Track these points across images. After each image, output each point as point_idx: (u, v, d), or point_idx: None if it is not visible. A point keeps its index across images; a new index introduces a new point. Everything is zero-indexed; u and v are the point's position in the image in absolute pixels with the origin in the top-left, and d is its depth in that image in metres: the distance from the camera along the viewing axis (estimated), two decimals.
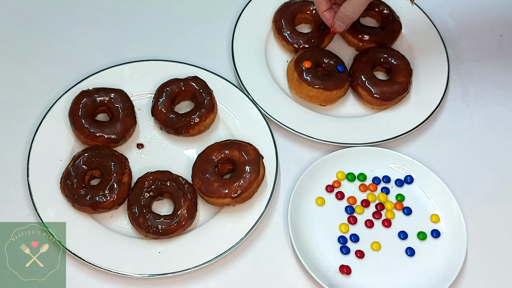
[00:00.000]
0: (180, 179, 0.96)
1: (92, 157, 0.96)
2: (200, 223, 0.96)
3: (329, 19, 1.01)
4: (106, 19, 1.16)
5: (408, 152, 1.04)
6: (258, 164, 0.96)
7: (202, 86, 1.03)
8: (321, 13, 1.02)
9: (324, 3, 1.00)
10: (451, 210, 0.98)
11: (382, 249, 0.96)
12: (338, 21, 1.00)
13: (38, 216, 0.93)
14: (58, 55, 1.11)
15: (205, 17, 1.17)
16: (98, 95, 1.01)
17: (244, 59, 1.09)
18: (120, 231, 0.95)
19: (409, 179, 1.01)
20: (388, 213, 0.99)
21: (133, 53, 1.11)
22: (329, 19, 1.01)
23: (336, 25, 1.01)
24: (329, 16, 1.01)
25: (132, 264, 0.91)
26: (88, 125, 0.98)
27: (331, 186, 1.01)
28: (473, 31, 1.18)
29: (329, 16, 1.01)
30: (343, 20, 1.00)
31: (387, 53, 1.09)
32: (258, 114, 1.04)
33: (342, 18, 1.00)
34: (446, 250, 0.96)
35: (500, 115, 1.10)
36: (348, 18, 1.00)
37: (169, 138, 1.03)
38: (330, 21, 1.01)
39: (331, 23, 1.02)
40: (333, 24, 1.01)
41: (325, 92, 1.05)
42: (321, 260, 0.94)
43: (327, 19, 1.01)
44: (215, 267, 0.93)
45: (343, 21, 1.00)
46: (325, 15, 1.01)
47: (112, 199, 0.93)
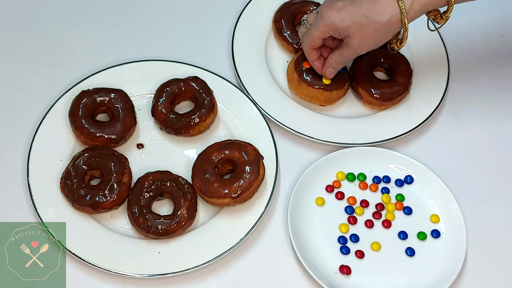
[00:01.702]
0: (180, 179, 0.96)
1: (92, 157, 0.96)
2: (200, 223, 0.96)
3: (319, 68, 1.03)
4: (106, 19, 1.16)
5: (408, 152, 1.04)
6: (258, 164, 0.96)
7: (202, 86, 1.03)
8: (311, 62, 1.04)
9: (314, 53, 1.02)
10: (451, 210, 0.98)
11: (382, 249, 0.96)
12: (330, 68, 1.02)
13: (38, 216, 0.93)
14: (58, 55, 1.11)
15: (205, 17, 1.17)
16: (98, 95, 1.01)
17: (244, 59, 1.09)
18: (120, 231, 0.95)
19: (409, 179, 1.01)
20: (388, 213, 0.99)
21: (133, 53, 1.11)
22: (319, 67, 1.03)
23: (327, 72, 1.03)
24: (318, 64, 1.03)
25: (132, 264, 0.91)
26: (88, 125, 0.98)
27: (331, 186, 1.01)
28: (473, 31, 1.18)
29: (319, 65, 1.03)
30: (334, 67, 1.02)
31: (387, 53, 1.09)
32: (258, 114, 1.04)
33: (333, 65, 1.02)
34: (446, 250, 0.96)
35: (500, 115, 1.10)
36: (338, 65, 1.02)
37: (169, 138, 1.03)
38: (320, 70, 1.04)
39: (321, 71, 1.04)
40: (324, 72, 1.03)
41: (325, 93, 1.05)
42: (321, 260, 0.94)
43: (317, 68, 1.04)
44: (215, 267, 0.93)
45: (334, 67, 1.02)
46: (315, 64, 1.03)
47: (112, 199, 0.93)
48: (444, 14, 0.95)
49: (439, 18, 0.96)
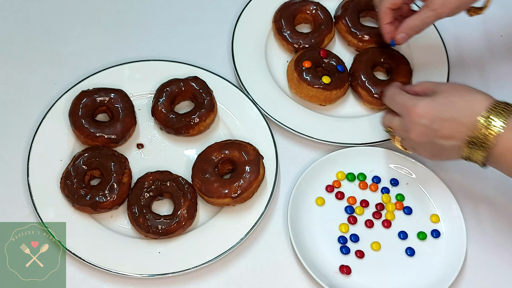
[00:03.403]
0: (180, 179, 0.96)
1: (92, 157, 0.96)
2: (200, 223, 0.96)
3: (389, 32, 1.01)
4: (106, 19, 1.16)
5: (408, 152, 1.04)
6: (258, 164, 0.96)
7: (202, 86, 1.03)
8: (383, 24, 1.01)
9: (389, 16, 1.00)
10: (451, 210, 0.98)
11: (382, 249, 0.96)
12: (403, 33, 1.00)
13: (38, 216, 0.93)
14: (58, 55, 1.11)
15: (205, 17, 1.17)
16: (98, 95, 1.01)
17: (244, 59, 1.09)
18: (120, 231, 0.95)
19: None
20: (388, 213, 0.99)
21: (133, 53, 1.11)
22: (389, 31, 1.01)
23: (399, 37, 1.00)
24: (389, 29, 1.01)
25: (132, 264, 0.91)
26: (88, 125, 0.98)
27: (331, 186, 1.01)
28: (473, 31, 1.18)
29: (389, 30, 1.01)
30: (408, 32, 0.99)
31: (387, 53, 1.09)
32: (258, 114, 1.04)
33: (407, 30, 0.99)
34: (446, 250, 0.96)
35: None
36: (414, 30, 0.99)
37: (169, 138, 1.03)
38: (389, 34, 1.01)
39: (389, 36, 1.01)
40: (397, 35, 1.00)
41: (325, 92, 1.05)
42: (321, 260, 0.94)
43: (387, 31, 1.01)
44: (215, 267, 0.93)
45: (408, 32, 0.99)
46: (386, 27, 1.01)
47: (112, 199, 0.93)
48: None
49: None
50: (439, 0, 0.94)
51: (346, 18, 1.12)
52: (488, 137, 0.84)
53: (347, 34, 1.12)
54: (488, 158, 0.86)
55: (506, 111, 0.84)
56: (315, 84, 1.05)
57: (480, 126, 0.84)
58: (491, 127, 0.84)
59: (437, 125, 0.87)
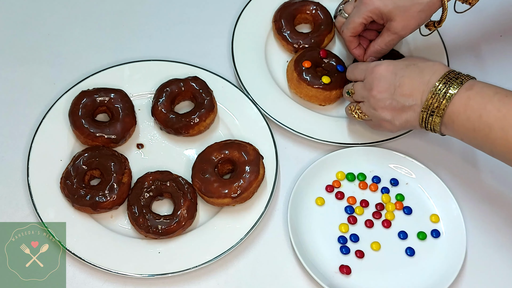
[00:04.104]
0: (180, 179, 0.96)
1: (92, 157, 0.96)
2: (200, 223, 0.96)
3: (359, 55, 1.06)
4: (106, 19, 1.16)
5: (408, 152, 1.04)
6: (258, 164, 0.96)
7: (202, 86, 1.03)
8: (352, 50, 1.06)
9: (354, 42, 1.05)
10: (451, 210, 0.98)
11: (382, 249, 0.96)
12: (372, 56, 1.04)
13: (38, 216, 0.93)
14: (58, 55, 1.11)
15: (205, 17, 1.17)
16: (98, 95, 1.01)
17: (244, 59, 1.09)
18: (120, 231, 0.95)
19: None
20: (388, 213, 0.99)
21: (133, 53, 1.11)
22: (359, 55, 1.06)
23: (369, 60, 1.04)
24: (358, 52, 1.06)
25: (132, 264, 0.91)
26: (88, 125, 0.98)
27: (331, 186, 1.01)
28: (473, 31, 1.18)
29: (359, 53, 1.06)
30: (376, 55, 1.04)
31: (386, 53, 1.09)
32: (258, 114, 1.04)
33: (375, 54, 1.04)
34: (446, 250, 0.96)
35: None
36: (381, 53, 1.04)
37: (169, 138, 1.03)
38: (361, 57, 1.06)
39: (361, 58, 1.06)
40: (366, 59, 1.05)
41: (324, 92, 1.05)
42: (321, 260, 0.94)
43: (357, 55, 1.06)
44: (215, 267, 0.93)
45: (376, 55, 1.04)
46: (355, 52, 1.06)
47: (112, 199, 0.93)
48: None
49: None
50: (399, 24, 0.98)
51: None
52: (442, 101, 0.87)
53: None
54: (443, 123, 0.89)
55: (460, 78, 0.88)
56: (315, 84, 1.05)
57: (436, 91, 0.88)
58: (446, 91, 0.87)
59: (398, 81, 0.91)
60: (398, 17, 0.97)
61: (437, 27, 1.01)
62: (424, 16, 0.97)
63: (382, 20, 0.99)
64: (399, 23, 0.98)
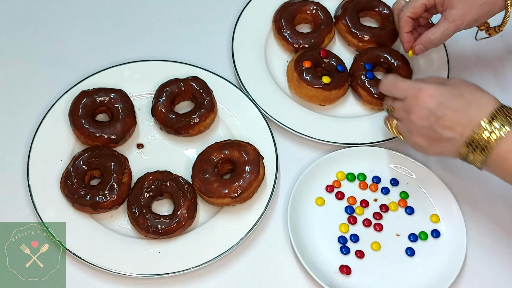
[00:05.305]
0: (180, 179, 0.96)
1: (92, 157, 0.96)
2: (200, 223, 0.96)
3: (408, 41, 1.01)
4: (106, 19, 1.16)
5: (408, 152, 1.04)
6: (258, 164, 0.96)
7: (202, 86, 1.03)
8: (403, 33, 1.01)
9: (409, 25, 1.00)
10: (451, 210, 0.98)
11: (382, 249, 0.96)
12: (421, 45, 1.00)
13: (38, 216, 0.93)
14: (58, 55, 1.11)
15: (205, 17, 1.17)
16: (98, 95, 1.01)
17: (244, 59, 1.09)
18: (120, 231, 0.95)
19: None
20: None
21: (133, 53, 1.11)
22: (408, 41, 1.01)
23: (417, 48, 1.01)
24: (408, 38, 1.01)
25: (132, 264, 0.91)
26: (88, 125, 0.98)
27: (331, 186, 1.01)
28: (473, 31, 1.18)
29: (409, 39, 1.01)
30: (426, 45, 1.00)
31: (387, 53, 1.09)
32: (258, 114, 1.04)
33: (426, 43, 1.00)
34: (446, 250, 0.96)
35: None
36: (432, 43, 1.00)
37: (169, 138, 1.03)
38: (409, 43, 1.02)
39: (409, 45, 1.02)
40: (414, 46, 1.01)
41: (324, 92, 1.05)
42: (321, 260, 0.94)
43: (406, 40, 1.01)
44: (215, 267, 0.93)
45: (427, 45, 1.00)
46: (406, 36, 1.01)
47: (112, 199, 0.93)
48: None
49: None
50: (459, 12, 0.95)
51: (346, 18, 1.12)
52: (489, 139, 0.83)
53: (347, 34, 1.12)
54: (486, 161, 0.85)
55: (509, 116, 0.84)
56: (315, 84, 1.05)
57: (483, 129, 0.84)
58: (494, 130, 0.83)
59: (441, 112, 0.86)
60: (460, 4, 0.94)
61: (498, 31, 0.99)
62: (485, 11, 0.94)
63: (442, 7, 0.96)
64: (459, 11, 0.94)
